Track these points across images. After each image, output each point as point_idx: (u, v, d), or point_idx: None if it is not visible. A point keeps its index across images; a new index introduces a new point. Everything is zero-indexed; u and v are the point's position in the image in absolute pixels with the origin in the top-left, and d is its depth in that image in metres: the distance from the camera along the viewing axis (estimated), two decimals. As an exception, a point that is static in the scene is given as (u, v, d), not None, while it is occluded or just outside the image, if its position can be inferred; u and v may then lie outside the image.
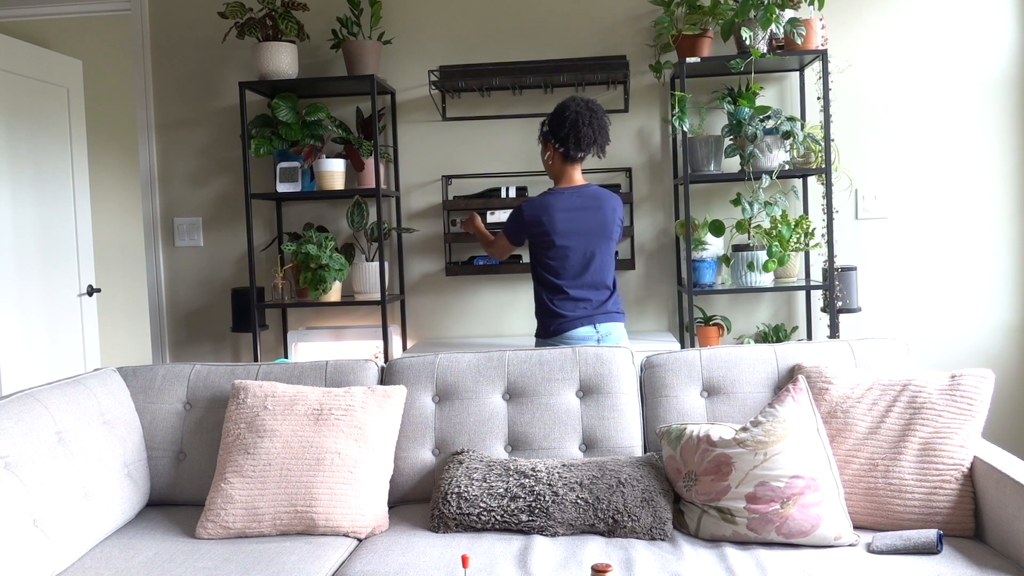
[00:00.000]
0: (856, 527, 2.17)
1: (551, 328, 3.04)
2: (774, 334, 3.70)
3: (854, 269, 3.58)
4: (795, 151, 3.46)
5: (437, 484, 2.31)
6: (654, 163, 3.82)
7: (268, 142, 3.64)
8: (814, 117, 3.68)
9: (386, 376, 2.60)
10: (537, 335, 3.11)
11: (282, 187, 3.64)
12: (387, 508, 2.38)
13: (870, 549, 2.02)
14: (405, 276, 3.95)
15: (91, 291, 4.57)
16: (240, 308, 3.77)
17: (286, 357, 3.94)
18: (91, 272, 4.61)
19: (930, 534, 1.99)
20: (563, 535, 2.16)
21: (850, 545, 2.05)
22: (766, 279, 3.46)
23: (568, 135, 3.03)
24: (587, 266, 3.04)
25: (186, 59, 3.98)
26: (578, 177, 3.12)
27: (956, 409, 2.18)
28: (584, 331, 3.02)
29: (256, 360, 3.64)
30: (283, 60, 3.59)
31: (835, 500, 2.09)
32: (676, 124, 3.37)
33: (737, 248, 3.49)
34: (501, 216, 3.72)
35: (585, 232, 3.04)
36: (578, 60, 3.64)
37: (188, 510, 2.46)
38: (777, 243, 3.37)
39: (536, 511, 2.18)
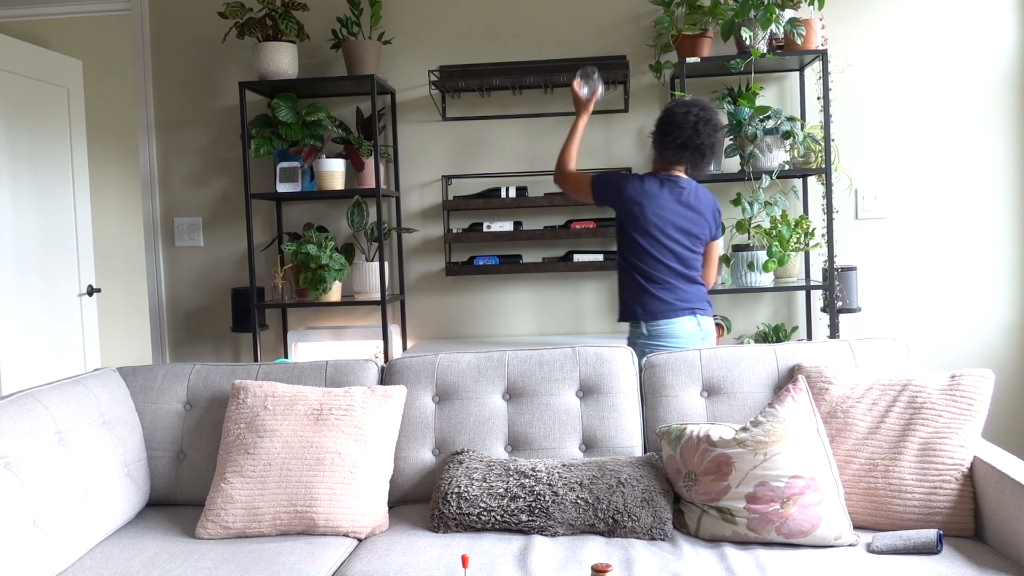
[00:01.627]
0: (856, 527, 2.17)
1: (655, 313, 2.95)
2: (774, 334, 3.70)
3: (854, 269, 3.58)
4: (795, 151, 3.46)
5: (437, 484, 2.31)
6: (654, 163, 3.82)
7: (268, 142, 3.64)
8: (814, 117, 3.68)
9: (386, 376, 2.60)
10: (634, 321, 2.98)
11: (282, 187, 3.64)
12: (387, 508, 2.38)
13: (870, 549, 2.02)
14: (405, 276, 3.95)
15: (91, 291, 4.57)
16: (240, 308, 3.77)
17: (286, 357, 3.94)
18: (91, 272, 4.61)
19: (930, 534, 1.99)
20: (563, 535, 2.16)
21: (850, 545, 2.05)
22: (766, 279, 3.46)
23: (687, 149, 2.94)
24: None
25: (186, 59, 3.98)
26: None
27: (956, 409, 2.18)
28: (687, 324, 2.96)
29: (256, 360, 3.64)
30: (283, 60, 3.59)
31: (835, 500, 2.09)
32: (676, 124, 3.37)
33: (737, 248, 3.49)
34: (500, 225, 3.71)
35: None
36: (578, 60, 3.64)
37: (188, 510, 2.46)
38: (777, 243, 3.37)
39: (536, 511, 2.18)
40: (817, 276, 3.75)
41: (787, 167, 3.44)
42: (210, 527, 2.24)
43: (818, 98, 3.55)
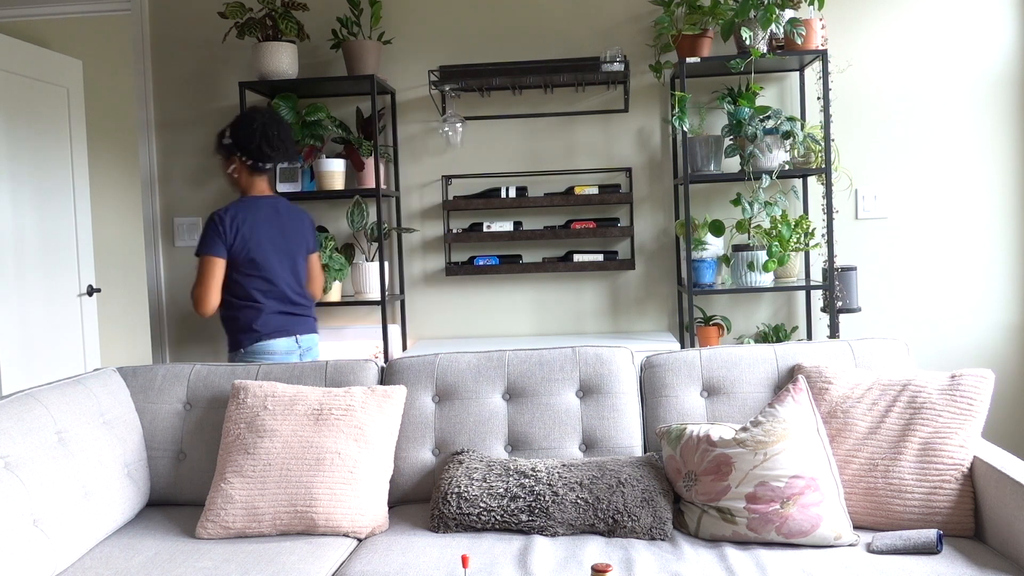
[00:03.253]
0: (856, 527, 2.17)
1: (247, 341, 3.04)
2: (774, 334, 3.70)
3: (854, 269, 3.58)
4: (795, 151, 3.46)
5: (437, 484, 2.31)
6: (654, 163, 3.83)
7: (268, 142, 3.64)
8: (814, 117, 3.68)
9: (386, 376, 2.60)
10: (231, 350, 3.08)
11: (282, 187, 3.64)
12: (387, 508, 2.38)
13: (870, 549, 2.02)
14: (405, 276, 3.95)
15: (91, 291, 4.57)
16: (240, 308, 3.77)
17: (286, 357, 3.93)
18: (91, 272, 4.61)
19: (930, 534, 1.99)
20: (563, 535, 2.16)
21: (850, 545, 2.05)
22: (766, 279, 3.46)
23: (259, 146, 3.05)
24: (292, 275, 3.11)
25: (186, 59, 3.98)
26: (267, 188, 3.16)
27: (956, 409, 2.19)
28: (285, 343, 3.07)
29: (256, 360, 3.63)
30: (283, 60, 3.59)
31: (835, 500, 2.09)
32: (676, 124, 3.37)
33: (737, 248, 3.49)
34: (500, 225, 3.72)
35: (285, 243, 3.09)
36: (578, 60, 3.64)
37: (188, 510, 2.46)
38: (777, 243, 3.37)
39: (536, 511, 2.18)
40: (817, 276, 3.75)
41: (787, 167, 3.44)
42: (210, 527, 2.24)
43: (818, 98, 3.55)
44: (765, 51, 3.37)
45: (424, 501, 2.47)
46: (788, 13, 3.40)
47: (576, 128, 3.84)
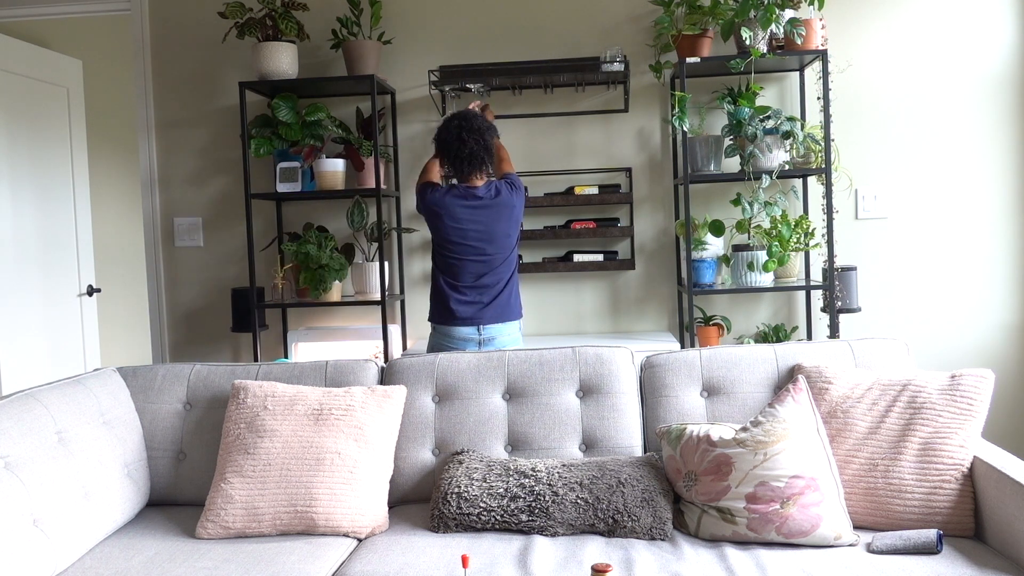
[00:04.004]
0: (856, 527, 2.17)
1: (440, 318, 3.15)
2: (774, 334, 3.70)
3: (854, 269, 3.58)
4: (795, 151, 3.46)
5: (437, 484, 2.31)
6: (654, 163, 3.83)
7: (268, 142, 3.64)
8: (814, 117, 3.68)
9: (386, 376, 2.60)
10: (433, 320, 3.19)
11: (282, 187, 3.64)
12: (387, 508, 2.38)
13: (870, 549, 2.02)
14: (405, 276, 3.95)
15: (91, 291, 4.57)
16: (240, 308, 3.77)
17: (286, 357, 3.94)
18: (91, 272, 4.61)
19: (930, 534, 1.99)
20: (563, 535, 2.16)
21: (850, 545, 2.05)
22: (766, 279, 3.46)
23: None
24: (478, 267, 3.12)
25: (186, 59, 3.98)
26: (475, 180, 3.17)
27: (956, 409, 2.19)
28: (468, 331, 3.11)
29: (256, 360, 3.64)
30: (283, 60, 3.59)
31: (835, 500, 2.09)
32: (676, 124, 3.37)
33: (737, 248, 3.49)
34: None
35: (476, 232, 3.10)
36: (578, 60, 3.64)
37: (188, 510, 2.46)
38: (777, 243, 3.37)
39: (536, 511, 2.18)
40: (817, 276, 3.75)
41: (787, 167, 3.44)
42: (210, 527, 2.24)
43: (818, 98, 3.55)
44: (765, 51, 3.37)
45: (424, 501, 2.47)
46: (788, 13, 3.40)
47: (576, 128, 3.84)
